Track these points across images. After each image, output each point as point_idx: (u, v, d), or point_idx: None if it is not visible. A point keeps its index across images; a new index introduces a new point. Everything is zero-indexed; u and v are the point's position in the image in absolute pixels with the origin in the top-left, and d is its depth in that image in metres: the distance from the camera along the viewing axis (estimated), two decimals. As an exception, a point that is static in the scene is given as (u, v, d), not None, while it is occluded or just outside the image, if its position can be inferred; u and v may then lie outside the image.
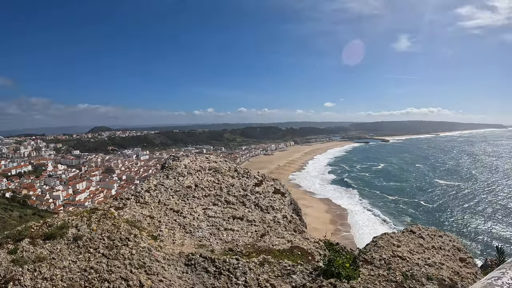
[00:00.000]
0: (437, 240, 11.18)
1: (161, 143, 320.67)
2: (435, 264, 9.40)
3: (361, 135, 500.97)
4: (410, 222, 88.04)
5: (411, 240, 10.79)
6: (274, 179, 16.05)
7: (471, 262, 10.48)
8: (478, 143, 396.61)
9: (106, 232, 8.49)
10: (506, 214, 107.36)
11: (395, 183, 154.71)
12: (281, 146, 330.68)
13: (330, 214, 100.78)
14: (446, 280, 8.65)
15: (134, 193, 12.49)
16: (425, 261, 9.44)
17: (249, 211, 12.31)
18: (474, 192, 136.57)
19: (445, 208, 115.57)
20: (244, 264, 8.36)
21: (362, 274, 8.31)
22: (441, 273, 8.98)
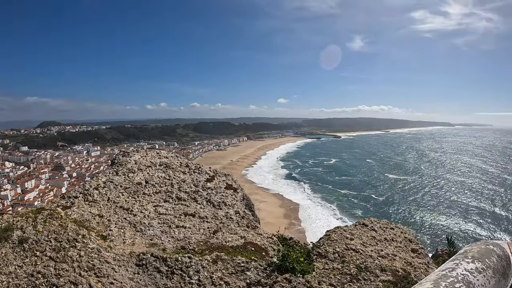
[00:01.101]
0: (389, 232, 11.40)
1: (112, 139, 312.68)
2: (388, 256, 9.57)
3: (314, 131, 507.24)
4: (362, 215, 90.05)
5: (364, 233, 10.95)
6: (226, 174, 15.92)
7: (423, 252, 10.74)
8: (425, 140, 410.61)
9: (53, 233, 8.04)
10: (451, 206, 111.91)
11: (347, 178, 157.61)
12: (234, 142, 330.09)
13: (283, 208, 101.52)
14: (399, 271, 8.81)
15: (82, 191, 11.93)
16: (378, 253, 9.59)
17: (201, 207, 12.13)
18: (421, 186, 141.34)
19: (395, 201, 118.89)
20: (197, 262, 8.20)
21: (317, 268, 8.35)
22: (394, 264, 9.15)
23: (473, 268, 3.45)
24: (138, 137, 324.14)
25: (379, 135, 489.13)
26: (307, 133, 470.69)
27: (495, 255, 4.03)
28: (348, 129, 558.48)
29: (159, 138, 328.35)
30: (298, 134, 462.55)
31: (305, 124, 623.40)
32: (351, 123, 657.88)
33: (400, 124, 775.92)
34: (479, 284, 3.23)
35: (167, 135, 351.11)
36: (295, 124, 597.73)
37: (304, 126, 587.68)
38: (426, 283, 3.02)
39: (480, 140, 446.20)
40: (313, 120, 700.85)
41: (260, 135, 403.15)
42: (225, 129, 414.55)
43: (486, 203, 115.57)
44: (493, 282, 3.52)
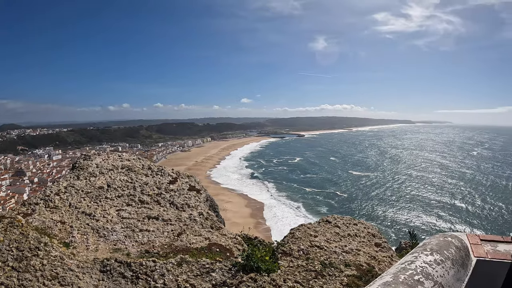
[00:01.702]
0: (352, 228, 11.57)
1: (74, 141, 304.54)
2: (352, 251, 9.71)
3: (277, 130, 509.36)
4: (327, 212, 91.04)
5: (328, 229, 11.07)
6: (189, 175, 15.82)
7: (386, 246, 10.94)
8: (386, 137, 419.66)
9: (14, 242, 7.80)
10: (412, 200, 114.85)
11: (311, 176, 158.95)
12: (198, 142, 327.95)
13: (249, 208, 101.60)
14: (363, 265, 8.95)
15: (43, 197, 11.63)
16: (342, 249, 9.72)
17: (164, 210, 12.01)
18: (383, 181, 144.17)
19: (359, 197, 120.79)
20: (161, 266, 8.13)
21: (282, 266, 8.40)
22: (358, 259, 9.29)
23: (432, 260, 3.58)
24: (100, 140, 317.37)
25: (341, 134, 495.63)
26: (271, 133, 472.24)
27: (453, 247, 4.21)
28: (312, 128, 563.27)
29: (122, 140, 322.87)
30: (262, 133, 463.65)
31: (268, 123, 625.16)
32: (314, 122, 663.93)
33: (362, 122, 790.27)
34: (438, 275, 3.35)
35: (130, 137, 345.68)
36: (259, 124, 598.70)
37: (267, 125, 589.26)
38: (386, 277, 3.10)
39: (439, 136, 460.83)
40: (276, 120, 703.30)
41: (224, 135, 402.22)
42: (189, 129, 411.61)
43: (446, 197, 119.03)
44: (452, 273, 3.67)
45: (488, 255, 4.53)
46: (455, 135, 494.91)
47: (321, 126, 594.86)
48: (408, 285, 3.00)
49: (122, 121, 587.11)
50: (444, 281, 3.38)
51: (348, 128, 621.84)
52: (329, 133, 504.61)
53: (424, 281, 3.11)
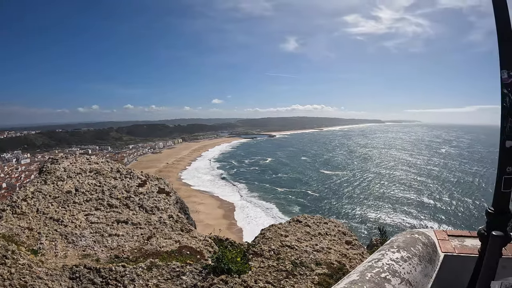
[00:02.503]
0: (323, 226, 11.65)
1: (43, 144, 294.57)
2: (323, 250, 9.77)
3: (249, 131, 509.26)
4: (299, 212, 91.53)
5: (298, 229, 11.12)
6: (158, 178, 15.67)
7: (357, 243, 11.06)
8: (355, 137, 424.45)
9: (-20, 251, 7.66)
10: (382, 198, 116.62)
11: (283, 176, 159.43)
12: (169, 144, 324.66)
13: (222, 209, 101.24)
14: (334, 263, 9.02)
15: (10, 203, 11.36)
16: (313, 248, 9.77)
17: (133, 213, 11.86)
18: (354, 180, 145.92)
19: (330, 195, 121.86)
20: (131, 271, 8.03)
21: (253, 267, 8.39)
22: (329, 257, 9.35)
23: (399, 257, 3.63)
24: (70, 142, 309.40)
25: (312, 133, 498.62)
26: (242, 133, 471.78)
27: (420, 243, 4.28)
28: (283, 128, 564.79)
29: (92, 142, 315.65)
30: (233, 134, 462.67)
31: (240, 124, 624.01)
32: (286, 122, 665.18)
33: (332, 122, 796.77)
34: (405, 272, 3.40)
35: (100, 139, 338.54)
36: (230, 125, 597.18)
37: (239, 126, 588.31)
38: (352, 275, 3.12)
39: (408, 135, 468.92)
40: (248, 120, 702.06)
41: (195, 137, 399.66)
42: (160, 131, 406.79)
43: (414, 194, 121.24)
44: (419, 269, 3.73)
45: (456, 250, 4.63)
46: (423, 133, 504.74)
47: (292, 126, 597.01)
48: (375, 283, 3.03)
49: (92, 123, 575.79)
50: (411, 277, 3.43)
51: (319, 128, 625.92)
52: (300, 133, 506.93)
53: (391, 278, 3.14)
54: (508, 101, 3.28)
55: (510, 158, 3.32)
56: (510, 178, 3.36)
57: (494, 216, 3.50)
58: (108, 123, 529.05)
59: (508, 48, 3.30)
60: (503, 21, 3.35)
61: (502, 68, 3.31)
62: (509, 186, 3.34)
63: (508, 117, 3.26)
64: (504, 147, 3.31)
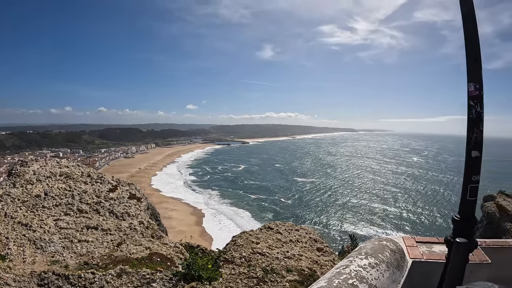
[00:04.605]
0: (294, 233, 11.72)
1: (13, 146, 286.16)
2: (294, 256, 9.82)
3: (222, 137, 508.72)
4: (272, 219, 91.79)
5: (270, 236, 11.15)
6: (129, 183, 15.50)
7: (328, 250, 11.15)
8: (327, 145, 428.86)
9: None
10: (354, 206, 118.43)
11: (256, 183, 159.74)
12: (142, 149, 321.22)
13: (194, 216, 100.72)
14: (305, 270, 9.07)
15: (-24, 207, 11.18)
16: (284, 254, 9.81)
17: (103, 219, 11.68)
18: (326, 187, 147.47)
19: (303, 203, 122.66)
20: (101, 278, 7.89)
21: (224, 274, 8.38)
22: (300, 264, 9.41)
23: (366, 263, 3.70)
24: (40, 144, 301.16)
25: (285, 141, 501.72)
26: (216, 140, 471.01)
27: (388, 250, 4.38)
28: (256, 135, 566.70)
29: (64, 145, 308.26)
30: (207, 140, 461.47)
31: (214, 130, 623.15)
32: (259, 129, 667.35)
33: (305, 130, 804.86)
34: (372, 278, 3.46)
35: (72, 142, 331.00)
36: (204, 131, 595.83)
37: (213, 132, 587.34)
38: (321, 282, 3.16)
39: (378, 143, 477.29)
40: (222, 127, 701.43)
41: (168, 142, 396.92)
42: (133, 135, 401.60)
43: (384, 202, 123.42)
44: (387, 275, 3.81)
45: (424, 256, 4.82)
46: (394, 142, 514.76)
47: (266, 134, 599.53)
48: (343, 289, 3.08)
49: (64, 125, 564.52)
50: (379, 283, 3.50)
51: (292, 136, 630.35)
52: (274, 140, 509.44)
53: (358, 284, 3.20)
54: (474, 112, 3.49)
55: (475, 167, 3.51)
56: (475, 186, 3.53)
57: (460, 223, 3.66)
58: (80, 125, 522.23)
59: (474, 63, 3.51)
60: (471, 37, 3.55)
61: (469, 81, 3.51)
62: (474, 194, 3.51)
63: (473, 128, 3.49)
64: (470, 157, 3.49)
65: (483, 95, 3.59)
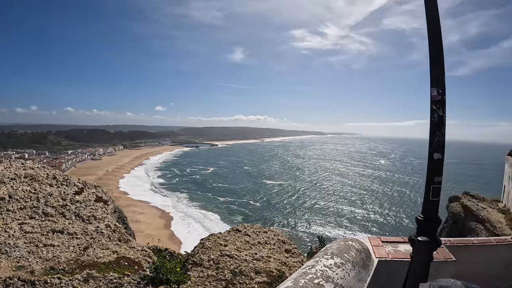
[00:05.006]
0: (262, 235, 11.78)
1: None
2: (262, 258, 9.87)
3: (191, 139, 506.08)
4: (241, 221, 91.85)
5: (238, 238, 11.19)
6: (96, 186, 15.26)
7: (296, 252, 11.25)
8: (295, 148, 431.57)
9: None
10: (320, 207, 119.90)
11: (226, 185, 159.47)
12: (109, 151, 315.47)
13: (163, 219, 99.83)
14: (273, 271, 9.13)
15: None
16: (253, 257, 9.86)
17: (69, 222, 11.46)
18: (294, 190, 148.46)
19: (271, 205, 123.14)
20: (67, 283, 7.74)
21: (192, 277, 8.37)
22: (269, 265, 9.46)
23: (332, 263, 3.79)
24: (5, 145, 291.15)
25: (254, 144, 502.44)
26: (185, 142, 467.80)
27: (353, 250, 4.50)
28: (225, 137, 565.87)
29: (29, 146, 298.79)
30: (176, 143, 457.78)
31: (182, 132, 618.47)
32: (228, 132, 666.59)
33: (274, 133, 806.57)
34: (338, 277, 3.55)
35: (37, 143, 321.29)
36: (173, 133, 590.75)
37: (181, 134, 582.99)
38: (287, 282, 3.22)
39: (346, 146, 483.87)
40: (190, 129, 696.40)
41: (136, 144, 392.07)
42: (101, 137, 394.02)
43: (348, 204, 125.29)
44: (353, 274, 3.92)
45: (389, 255, 4.99)
46: (361, 145, 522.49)
47: (235, 136, 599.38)
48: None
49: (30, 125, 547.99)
50: (345, 282, 3.59)
51: (261, 139, 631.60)
52: (243, 143, 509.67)
53: (324, 284, 3.27)
54: (436, 116, 3.74)
55: (438, 169, 3.74)
56: (437, 187, 3.71)
57: (424, 222, 3.85)
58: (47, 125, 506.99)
59: (437, 69, 3.77)
60: (435, 45, 3.80)
61: (432, 86, 3.78)
62: (436, 194, 3.70)
63: (436, 131, 3.73)
64: (432, 159, 3.73)
65: (445, 99, 3.79)
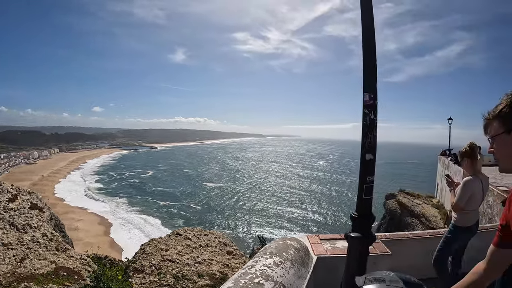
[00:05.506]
0: (203, 238, 11.83)
1: None
2: (204, 261, 9.91)
3: (130, 142, 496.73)
4: (183, 225, 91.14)
5: (179, 242, 11.17)
6: (30, 192, 14.72)
7: (238, 253, 11.38)
8: (235, 150, 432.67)
9: None
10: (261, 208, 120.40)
11: (166, 189, 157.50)
12: (44, 154, 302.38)
13: (103, 226, 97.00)
14: (216, 273, 9.20)
15: None
16: (195, 260, 9.88)
17: (3, 232, 10.98)
18: (235, 192, 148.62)
19: (212, 208, 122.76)
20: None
21: (135, 284, 8.30)
22: (211, 268, 9.52)
23: (271, 262, 3.95)
24: None
25: (194, 146, 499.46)
26: (123, 144, 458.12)
27: (292, 248, 4.71)
28: (165, 140, 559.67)
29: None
30: (114, 145, 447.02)
31: (121, 134, 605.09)
32: (168, 134, 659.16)
33: (214, 136, 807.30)
34: (278, 276, 3.69)
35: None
36: (111, 135, 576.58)
37: (120, 136, 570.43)
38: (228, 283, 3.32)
39: (285, 148, 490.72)
40: (129, 131, 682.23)
41: (73, 147, 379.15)
42: (35, 139, 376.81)
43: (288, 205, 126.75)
44: (292, 272, 4.11)
45: (328, 252, 5.30)
46: (300, 147, 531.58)
47: (175, 139, 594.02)
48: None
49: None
50: (284, 280, 3.72)
51: (201, 141, 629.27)
52: (182, 145, 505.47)
53: (264, 282, 3.38)
54: (368, 119, 4.03)
55: (370, 169, 4.02)
56: (369, 186, 3.99)
57: (358, 220, 4.16)
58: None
59: (370, 75, 4.05)
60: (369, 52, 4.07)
61: (365, 91, 4.05)
62: (369, 193, 3.99)
63: (368, 133, 4.01)
64: (364, 160, 4.00)
65: (377, 104, 4.10)
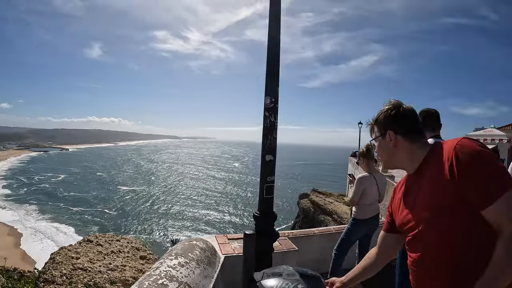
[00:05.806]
0: (115, 244, 11.66)
1: None
2: (117, 268, 9.79)
3: (40, 143, 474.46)
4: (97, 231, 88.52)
5: (90, 249, 10.94)
6: None
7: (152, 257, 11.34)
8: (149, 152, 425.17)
9: None
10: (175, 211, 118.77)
11: (78, 194, 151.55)
12: None
13: (12, 236, 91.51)
14: (129, 279, 9.14)
15: None
16: (107, 267, 9.73)
17: None
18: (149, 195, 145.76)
19: (127, 212, 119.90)
20: None
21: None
22: (124, 274, 9.43)
23: (176, 263, 4.11)
24: None
25: (108, 148, 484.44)
26: (33, 146, 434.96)
27: (198, 249, 4.90)
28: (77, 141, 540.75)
29: None
30: (23, 146, 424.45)
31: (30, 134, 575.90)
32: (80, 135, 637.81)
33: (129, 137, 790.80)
34: (182, 276, 3.85)
35: None
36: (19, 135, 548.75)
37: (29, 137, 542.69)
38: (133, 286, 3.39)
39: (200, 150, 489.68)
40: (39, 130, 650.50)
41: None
42: None
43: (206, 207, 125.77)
44: (198, 271, 4.29)
45: (235, 251, 5.51)
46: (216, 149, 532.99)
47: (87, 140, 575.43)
48: (153, 290, 3.33)
49: None
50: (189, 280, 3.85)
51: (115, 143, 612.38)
52: (95, 147, 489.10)
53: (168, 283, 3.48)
54: (268, 122, 4.27)
55: (270, 169, 4.32)
56: (270, 186, 4.28)
57: (260, 218, 4.50)
58: None
59: (272, 79, 4.27)
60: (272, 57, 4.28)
61: (266, 95, 4.26)
62: (270, 192, 4.32)
63: (268, 135, 4.26)
64: (264, 160, 4.30)
65: (277, 107, 4.37)
